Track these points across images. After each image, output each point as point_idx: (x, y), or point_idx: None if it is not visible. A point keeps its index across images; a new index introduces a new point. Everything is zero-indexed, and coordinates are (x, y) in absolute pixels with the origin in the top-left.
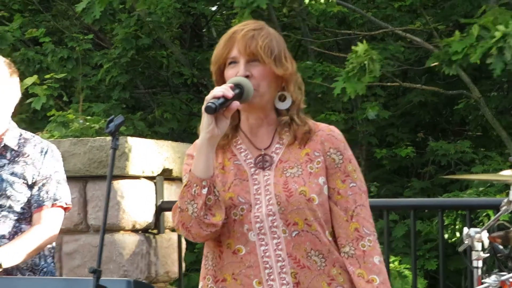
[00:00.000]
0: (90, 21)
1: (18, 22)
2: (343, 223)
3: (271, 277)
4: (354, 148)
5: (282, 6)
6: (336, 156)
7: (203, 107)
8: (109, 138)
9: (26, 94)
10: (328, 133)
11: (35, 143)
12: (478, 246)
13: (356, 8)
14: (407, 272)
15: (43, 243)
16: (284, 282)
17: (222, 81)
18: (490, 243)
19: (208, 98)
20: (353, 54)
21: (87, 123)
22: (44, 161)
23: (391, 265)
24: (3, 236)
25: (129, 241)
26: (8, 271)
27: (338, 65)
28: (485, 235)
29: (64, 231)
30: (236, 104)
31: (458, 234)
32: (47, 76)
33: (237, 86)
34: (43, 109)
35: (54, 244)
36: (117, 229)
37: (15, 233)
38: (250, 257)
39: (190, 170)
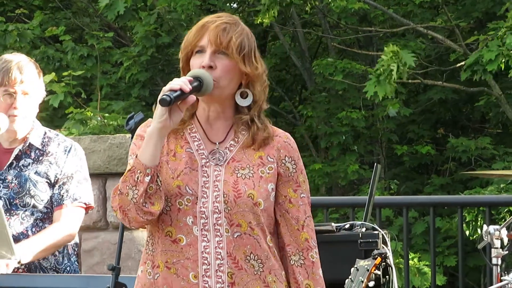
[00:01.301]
0: (113, 17)
1: (38, 20)
2: (294, 232)
3: (208, 273)
4: (374, 145)
5: (304, 3)
6: (290, 165)
7: (158, 98)
8: (128, 135)
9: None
10: (285, 140)
11: (59, 141)
12: (498, 243)
13: (377, 5)
14: (426, 269)
15: (59, 240)
16: (220, 280)
17: (188, 69)
18: (509, 240)
19: (165, 89)
20: (383, 57)
21: (105, 121)
22: (67, 160)
23: (410, 262)
24: (26, 235)
25: None
26: (31, 270)
27: (359, 62)
28: (504, 233)
29: (83, 228)
30: (192, 98)
31: (479, 231)
32: (65, 73)
33: (196, 79)
34: (63, 107)
35: (77, 241)
36: None
37: (38, 232)
38: (190, 250)
39: (136, 156)
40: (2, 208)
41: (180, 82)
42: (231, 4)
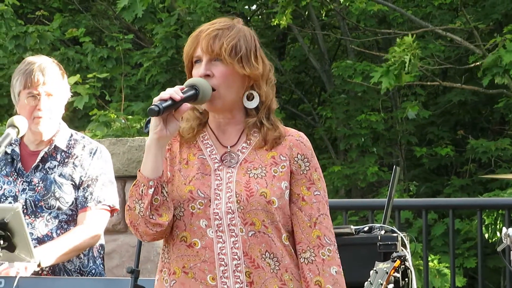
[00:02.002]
0: (131, 19)
1: (58, 22)
2: (306, 229)
3: (226, 274)
4: (393, 147)
5: (321, 6)
6: (302, 163)
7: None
8: (148, 138)
9: None
10: (297, 138)
11: (85, 144)
12: None
13: (396, 7)
14: (446, 270)
15: (82, 243)
16: (238, 280)
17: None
18: None
19: (155, 100)
20: (396, 48)
21: (128, 123)
22: (92, 162)
23: (430, 263)
24: (51, 237)
25: None
26: (56, 272)
27: (378, 64)
28: None
29: None
30: (186, 106)
31: (498, 234)
32: (90, 75)
33: (192, 87)
34: (85, 108)
35: (103, 242)
36: None
37: (63, 234)
38: (206, 252)
39: (139, 170)
40: (22, 210)
41: (171, 91)
42: (250, 6)
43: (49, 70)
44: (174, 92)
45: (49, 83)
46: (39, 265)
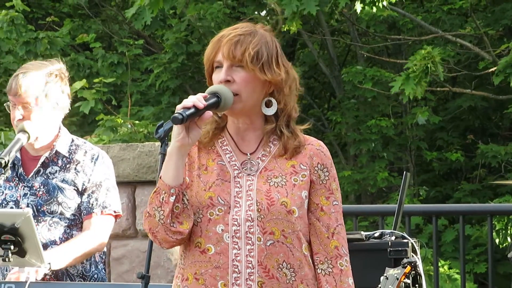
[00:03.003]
0: (141, 27)
1: (68, 27)
2: (324, 240)
3: (238, 281)
4: (403, 153)
5: (331, 13)
6: (322, 173)
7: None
8: (158, 143)
9: (75, 97)
10: (318, 148)
11: (86, 149)
12: None
13: (405, 13)
14: (456, 276)
15: (91, 249)
16: None
17: (212, 84)
18: None
19: (178, 107)
20: (416, 56)
21: (135, 128)
22: (95, 168)
23: (440, 269)
24: (54, 242)
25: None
26: (58, 277)
27: (388, 70)
28: None
29: (112, 237)
30: (209, 114)
31: (509, 239)
32: (96, 80)
33: (214, 94)
34: (93, 113)
35: (105, 250)
36: None
37: (66, 239)
38: (220, 258)
39: (160, 177)
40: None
41: (194, 99)
42: (260, 12)
43: (27, 81)
44: (197, 100)
45: (24, 94)
46: (49, 269)
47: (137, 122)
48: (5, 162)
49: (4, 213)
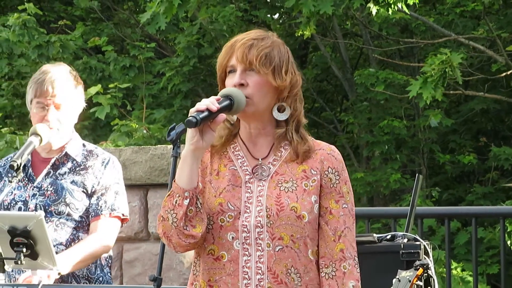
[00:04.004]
0: (154, 31)
1: (80, 31)
2: (330, 243)
3: None
4: (415, 155)
5: (345, 16)
6: (333, 176)
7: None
8: (170, 146)
9: (90, 102)
10: (329, 152)
11: (97, 154)
12: None
13: (418, 16)
14: (469, 278)
15: (98, 251)
16: None
17: (223, 87)
18: None
19: (192, 111)
20: (434, 59)
21: (150, 132)
22: (105, 171)
23: (453, 271)
24: (60, 243)
25: None
26: (64, 279)
27: (400, 73)
28: None
29: (124, 239)
30: (222, 117)
31: None
32: (111, 85)
33: (227, 97)
34: (107, 117)
35: (111, 253)
36: None
37: (72, 240)
38: (231, 265)
39: (174, 180)
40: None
41: (207, 102)
42: (272, 15)
43: (60, 82)
44: (211, 103)
45: (59, 95)
46: (59, 273)
47: (151, 126)
48: (17, 164)
49: (16, 216)
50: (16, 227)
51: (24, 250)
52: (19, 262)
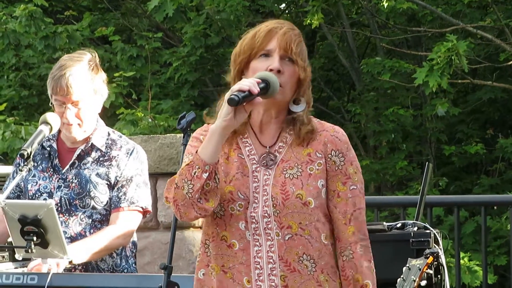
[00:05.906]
0: (161, 19)
1: (87, 21)
2: (341, 227)
3: (261, 277)
4: (423, 145)
5: (352, 4)
6: (337, 158)
7: (226, 97)
8: (179, 135)
9: None
10: (332, 134)
11: (122, 144)
12: None
13: (426, 5)
14: (476, 268)
15: (113, 243)
16: (273, 284)
17: (246, 70)
18: None
19: (234, 89)
20: (440, 47)
21: (156, 121)
22: (128, 162)
23: (460, 261)
24: (84, 236)
25: (198, 238)
26: (89, 271)
27: (407, 61)
28: None
29: None
30: (259, 100)
31: None
32: (116, 74)
33: (264, 81)
34: (112, 107)
35: (136, 242)
36: (187, 226)
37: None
38: (243, 255)
39: (196, 152)
40: (55, 208)
41: (249, 83)
42: (279, 5)
43: (76, 79)
44: (252, 85)
45: (76, 92)
46: (70, 262)
47: (157, 115)
48: (28, 153)
49: (27, 205)
50: (26, 216)
51: (35, 238)
52: (29, 250)
